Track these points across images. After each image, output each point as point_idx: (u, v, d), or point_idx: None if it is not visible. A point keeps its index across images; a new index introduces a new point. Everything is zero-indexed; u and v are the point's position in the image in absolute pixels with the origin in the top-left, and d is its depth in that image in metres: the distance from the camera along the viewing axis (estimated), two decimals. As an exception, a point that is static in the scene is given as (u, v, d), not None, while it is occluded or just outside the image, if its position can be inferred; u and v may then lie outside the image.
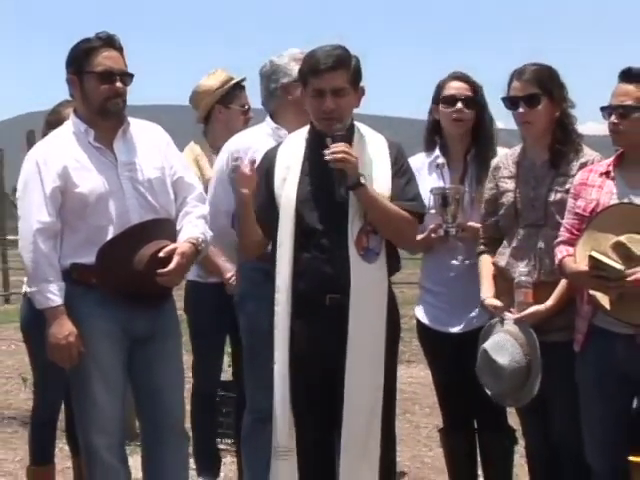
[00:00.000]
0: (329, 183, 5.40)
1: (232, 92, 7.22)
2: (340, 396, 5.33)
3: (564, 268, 5.45)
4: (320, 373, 5.39)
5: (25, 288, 6.44)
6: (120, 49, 5.62)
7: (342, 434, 5.35)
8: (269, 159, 5.56)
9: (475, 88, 6.14)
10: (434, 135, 6.23)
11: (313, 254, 5.39)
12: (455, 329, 6.11)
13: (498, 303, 5.69)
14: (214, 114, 7.24)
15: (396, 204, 5.39)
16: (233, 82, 7.24)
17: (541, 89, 5.69)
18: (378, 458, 5.40)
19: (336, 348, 5.32)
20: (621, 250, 5.26)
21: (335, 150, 5.28)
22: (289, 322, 5.37)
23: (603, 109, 5.43)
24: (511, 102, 5.75)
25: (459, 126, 6.12)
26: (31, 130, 6.20)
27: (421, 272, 6.36)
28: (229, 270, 6.61)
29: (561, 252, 5.48)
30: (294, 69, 6.03)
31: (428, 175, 6.20)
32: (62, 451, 6.70)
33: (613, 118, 5.38)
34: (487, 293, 5.79)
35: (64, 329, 5.46)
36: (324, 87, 5.35)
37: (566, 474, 5.76)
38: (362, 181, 5.30)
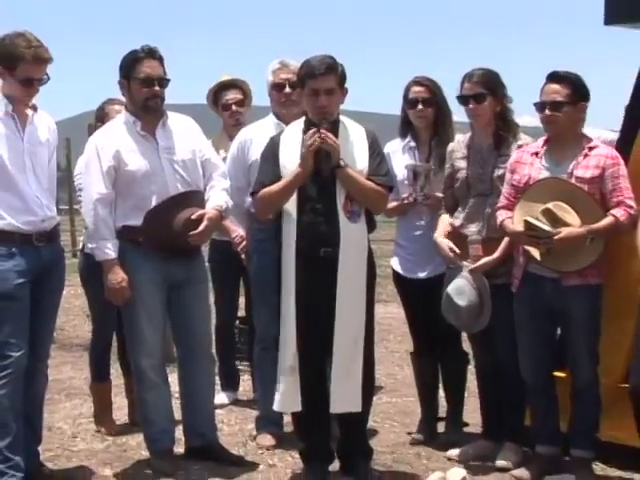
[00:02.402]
0: (321, 161, 5.39)
1: (218, 93, 7.19)
2: (331, 327, 5.35)
3: (504, 228, 5.50)
4: (316, 309, 5.39)
5: (83, 245, 6.52)
6: (160, 59, 5.64)
7: (333, 357, 5.36)
8: (275, 142, 5.55)
9: (433, 90, 6.13)
10: (406, 126, 6.24)
11: (310, 217, 5.40)
12: (421, 275, 6.13)
13: (447, 242, 5.74)
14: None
15: (371, 179, 5.44)
16: (213, 85, 7.21)
17: (486, 89, 5.71)
18: (361, 375, 5.41)
19: (328, 289, 5.34)
20: (549, 215, 5.30)
21: (324, 136, 5.32)
22: (294, 269, 5.38)
23: (536, 104, 5.45)
24: (463, 100, 5.79)
25: (422, 121, 6.14)
26: (91, 124, 6.24)
27: (395, 231, 6.39)
28: (235, 231, 6.61)
29: (501, 215, 5.51)
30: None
31: (402, 155, 6.21)
32: (117, 371, 6.73)
33: (547, 111, 5.42)
34: (439, 233, 5.82)
35: (118, 277, 5.52)
36: (319, 88, 5.38)
37: (508, 387, 5.78)
38: (342, 164, 5.36)
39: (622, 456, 5.57)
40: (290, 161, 5.43)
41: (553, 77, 5.44)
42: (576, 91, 5.42)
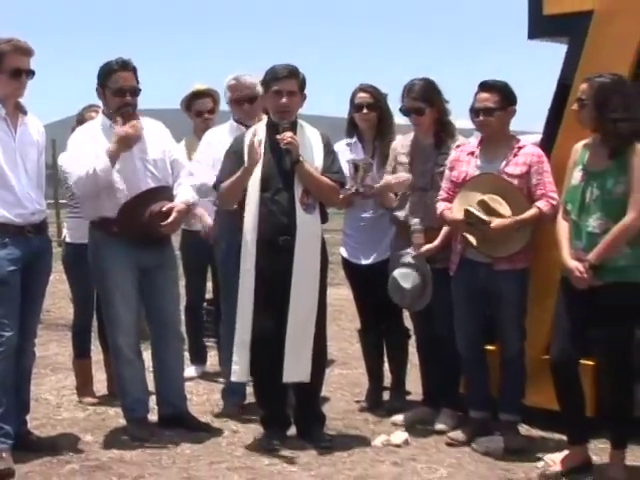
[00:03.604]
0: (282, 158, 5.44)
1: (192, 100, 7.15)
2: (287, 307, 5.37)
3: (444, 217, 5.54)
4: (274, 291, 5.40)
5: (66, 235, 6.52)
6: (133, 70, 5.64)
7: (287, 333, 5.38)
8: (239, 142, 5.57)
9: (376, 95, 6.15)
10: (352, 127, 6.26)
11: (271, 208, 5.42)
12: (366, 262, 6.15)
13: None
14: None
15: (325, 175, 5.48)
16: (188, 93, 7.15)
17: (425, 102, 5.75)
18: (311, 350, 5.44)
19: (285, 273, 5.36)
20: (483, 205, 5.34)
21: (285, 136, 5.36)
22: (254, 254, 5.39)
23: (471, 110, 5.49)
24: (405, 112, 5.83)
25: (366, 123, 6.17)
26: (74, 127, 6.24)
27: (344, 222, 6.39)
28: (205, 221, 6.65)
29: (441, 206, 5.56)
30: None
31: (348, 152, 6.21)
32: (97, 348, 6.71)
33: (480, 117, 5.44)
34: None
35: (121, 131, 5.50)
36: (282, 89, 5.41)
37: (444, 360, 5.81)
38: (300, 159, 5.39)
39: (544, 418, 5.62)
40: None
41: (484, 86, 5.47)
42: (505, 97, 5.45)
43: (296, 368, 5.42)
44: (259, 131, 5.53)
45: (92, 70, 5.74)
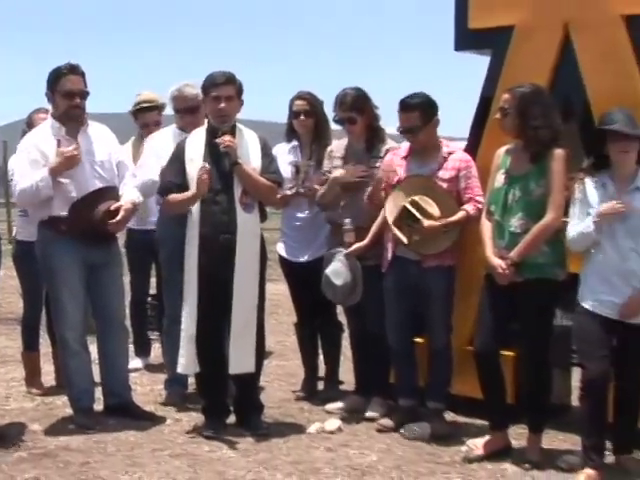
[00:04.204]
0: (222, 161, 5.42)
1: (137, 112, 7.06)
2: (229, 302, 5.36)
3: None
4: (216, 287, 5.38)
5: (16, 233, 6.45)
6: (82, 74, 5.60)
7: (231, 327, 5.37)
8: (181, 147, 5.54)
9: (312, 102, 6.15)
10: (291, 131, 6.26)
11: (212, 208, 5.40)
12: (302, 259, 6.16)
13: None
14: None
15: (263, 176, 5.47)
16: (135, 106, 7.06)
17: (356, 112, 5.76)
18: (254, 342, 5.46)
19: (227, 270, 5.34)
20: (415, 205, 5.35)
21: (223, 139, 5.35)
22: (197, 252, 5.37)
23: (398, 130, 5.54)
24: (339, 122, 5.85)
25: (303, 129, 6.18)
26: (24, 129, 6.18)
27: (281, 221, 6.39)
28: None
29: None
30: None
31: (287, 156, 6.23)
32: (46, 341, 6.64)
33: (407, 136, 5.48)
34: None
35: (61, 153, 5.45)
36: (221, 94, 5.39)
37: (375, 352, 5.82)
38: (239, 161, 5.38)
39: (468, 406, 5.66)
40: (194, 160, 5.41)
41: (403, 108, 5.45)
42: (425, 112, 5.43)
43: (241, 360, 5.42)
44: (200, 138, 5.51)
45: (42, 74, 5.69)
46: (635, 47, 5.19)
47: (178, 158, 5.51)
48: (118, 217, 5.52)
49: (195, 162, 5.42)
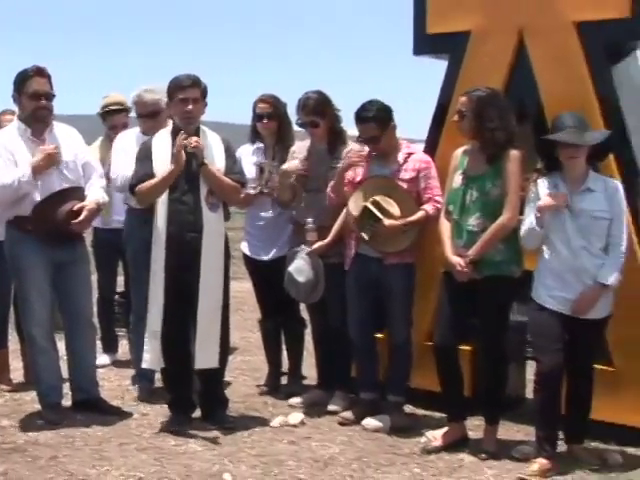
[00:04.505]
0: (188, 161, 5.39)
1: (105, 114, 7.03)
2: (196, 299, 5.37)
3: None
4: (183, 284, 5.38)
5: None
6: (48, 77, 5.58)
7: (197, 323, 5.37)
8: (148, 147, 5.51)
9: (275, 105, 6.15)
10: (255, 133, 6.26)
11: (178, 207, 5.39)
12: (265, 257, 6.16)
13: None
14: None
15: (227, 176, 5.47)
16: (102, 109, 7.03)
17: (318, 115, 5.78)
18: (219, 338, 5.47)
19: (193, 268, 5.35)
20: (376, 205, 5.38)
21: (191, 140, 5.34)
22: (164, 250, 5.36)
23: (358, 140, 5.57)
24: (301, 125, 5.86)
25: (266, 131, 6.18)
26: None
27: (245, 221, 6.40)
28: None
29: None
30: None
31: (251, 157, 6.23)
32: (14, 338, 6.60)
33: (367, 145, 5.51)
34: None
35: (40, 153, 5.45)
36: (187, 97, 5.38)
37: (337, 347, 5.85)
38: (205, 162, 5.39)
39: (426, 399, 5.70)
40: (162, 159, 5.41)
41: (359, 120, 5.47)
42: (381, 120, 5.44)
43: (207, 356, 5.43)
44: (165, 139, 5.50)
45: (7, 77, 5.67)
46: (586, 52, 5.25)
47: (147, 156, 5.48)
48: (81, 217, 5.50)
49: (163, 162, 5.41)
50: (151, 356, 5.49)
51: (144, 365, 5.58)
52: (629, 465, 4.92)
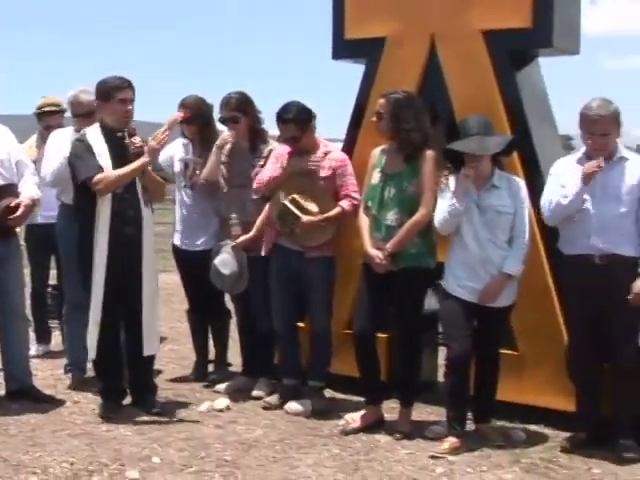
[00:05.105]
0: (129, 160, 5.34)
1: (41, 115, 6.95)
2: (139, 290, 5.38)
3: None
4: (124, 276, 5.36)
5: None
6: None
7: (142, 313, 5.38)
8: (86, 143, 5.39)
9: (196, 110, 6.12)
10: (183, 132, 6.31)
11: (120, 204, 5.35)
12: (192, 250, 6.16)
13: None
14: None
15: (155, 173, 5.47)
16: (38, 110, 6.95)
17: (240, 112, 5.81)
18: (157, 325, 5.56)
19: (133, 260, 5.35)
20: (295, 203, 5.45)
21: (135, 140, 5.34)
22: (107, 246, 5.32)
23: (279, 140, 5.66)
24: (223, 121, 5.90)
25: (188, 133, 6.23)
26: None
27: (175, 215, 6.36)
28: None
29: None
30: None
31: (181, 151, 6.27)
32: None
33: (290, 143, 5.56)
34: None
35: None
36: (127, 97, 5.37)
37: (261, 335, 5.89)
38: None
39: (345, 383, 5.78)
40: (103, 155, 5.35)
41: (280, 120, 5.52)
42: (301, 121, 5.50)
43: (152, 343, 5.48)
44: (98, 137, 5.44)
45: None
46: (492, 59, 5.37)
47: (89, 152, 5.38)
48: (18, 213, 5.47)
49: (103, 157, 5.35)
50: (90, 346, 5.46)
51: (91, 355, 5.54)
52: (531, 441, 5.07)
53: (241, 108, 5.84)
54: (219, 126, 6.21)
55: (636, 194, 4.76)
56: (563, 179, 4.87)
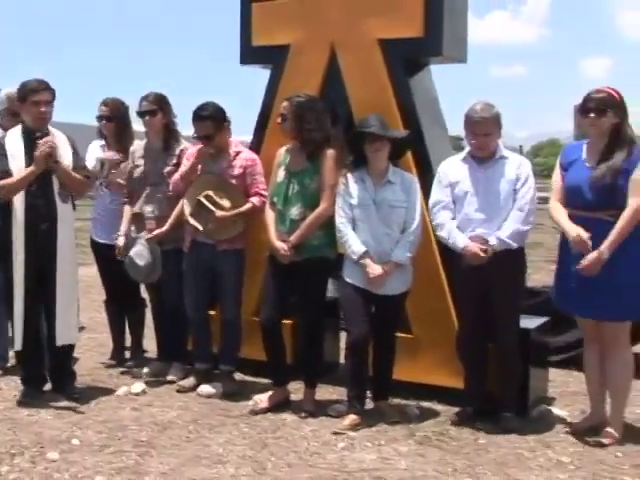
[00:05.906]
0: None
1: None
2: (54, 282, 5.35)
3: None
4: (41, 269, 5.34)
5: None
6: None
7: (57, 304, 5.35)
8: (1, 145, 5.39)
9: (113, 109, 6.19)
10: (101, 131, 6.33)
11: (34, 200, 5.32)
12: (109, 242, 6.13)
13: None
14: None
15: (75, 171, 5.44)
16: None
17: (157, 106, 5.86)
18: (77, 316, 5.56)
19: (49, 253, 5.32)
20: (209, 199, 5.51)
21: (47, 140, 5.30)
22: (23, 239, 5.29)
23: (193, 137, 5.64)
24: (140, 114, 5.90)
25: (106, 131, 6.27)
26: None
27: (92, 210, 6.41)
28: None
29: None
30: None
31: (97, 152, 6.27)
32: None
33: (203, 141, 5.57)
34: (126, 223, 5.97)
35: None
36: (40, 100, 5.33)
37: (174, 322, 5.90)
38: (58, 160, 5.34)
39: (254, 367, 5.86)
40: (17, 157, 5.34)
41: (196, 118, 5.54)
42: (216, 120, 5.54)
43: (66, 333, 5.44)
44: (17, 138, 5.42)
45: None
46: (388, 65, 5.50)
47: (2, 154, 5.37)
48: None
49: (16, 158, 5.34)
50: (15, 336, 5.42)
51: (15, 347, 5.46)
52: (425, 416, 5.23)
53: (158, 103, 5.87)
54: (135, 127, 6.26)
55: (513, 187, 4.96)
56: (446, 180, 5.04)
